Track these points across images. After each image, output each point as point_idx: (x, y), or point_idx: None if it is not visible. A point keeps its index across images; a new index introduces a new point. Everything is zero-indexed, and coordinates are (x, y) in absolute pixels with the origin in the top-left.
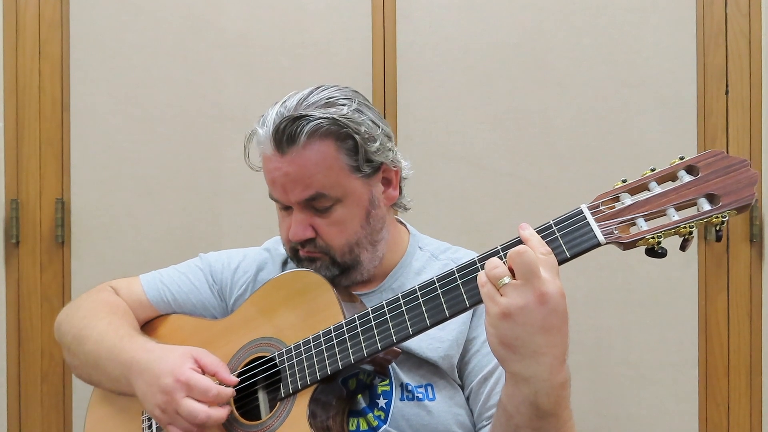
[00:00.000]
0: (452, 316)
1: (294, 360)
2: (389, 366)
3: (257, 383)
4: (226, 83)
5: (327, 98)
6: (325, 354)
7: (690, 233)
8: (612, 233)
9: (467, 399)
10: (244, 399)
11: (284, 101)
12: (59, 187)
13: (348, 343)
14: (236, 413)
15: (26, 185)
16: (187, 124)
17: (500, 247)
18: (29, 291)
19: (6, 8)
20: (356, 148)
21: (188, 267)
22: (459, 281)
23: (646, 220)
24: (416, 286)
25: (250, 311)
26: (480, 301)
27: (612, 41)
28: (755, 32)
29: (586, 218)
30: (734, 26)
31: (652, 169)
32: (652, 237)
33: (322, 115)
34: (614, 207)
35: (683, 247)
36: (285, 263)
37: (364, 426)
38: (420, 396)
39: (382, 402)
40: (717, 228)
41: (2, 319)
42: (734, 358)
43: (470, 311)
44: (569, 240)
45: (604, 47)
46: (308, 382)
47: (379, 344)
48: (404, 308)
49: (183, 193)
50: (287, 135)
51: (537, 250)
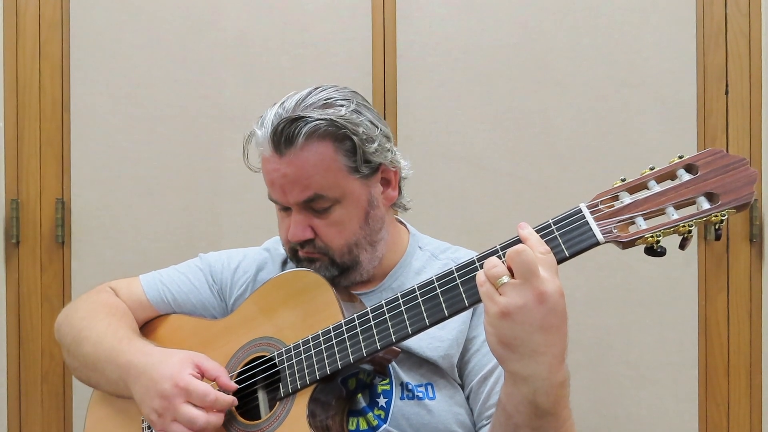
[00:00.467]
0: (451, 316)
1: (293, 360)
2: (389, 365)
3: (257, 383)
4: (226, 83)
5: (325, 99)
6: (325, 354)
7: (689, 232)
8: (611, 232)
9: (467, 398)
10: (244, 399)
11: (283, 102)
12: (59, 187)
13: (347, 343)
14: (236, 413)
15: (26, 185)
16: (187, 124)
17: (499, 247)
18: (29, 291)
19: (6, 8)
20: (354, 149)
21: (188, 267)
22: (458, 281)
23: (645, 219)
24: (415, 286)
25: (250, 311)
26: (479, 301)
27: (612, 41)
28: (755, 32)
29: (585, 217)
30: (734, 26)
31: (651, 168)
32: (651, 236)
33: (320, 117)
34: (613, 206)
35: (682, 246)
36: (285, 263)
37: (364, 425)
38: (420, 395)
39: (382, 401)
40: (716, 227)
41: (2, 319)
42: (734, 358)
43: (470, 310)
44: (568, 239)
45: (604, 47)
46: (308, 382)
47: (379, 344)
48: (403, 308)
49: (183, 193)
50: (285, 136)
51: (536, 249)
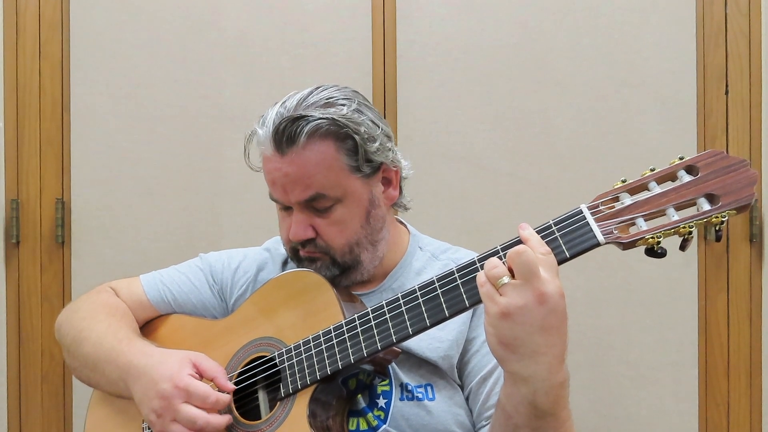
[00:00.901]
0: (452, 316)
1: (294, 360)
2: (389, 366)
3: (257, 383)
4: (226, 83)
5: (327, 98)
6: (325, 354)
7: (689, 233)
8: (611, 233)
9: (467, 399)
10: (244, 399)
11: (284, 101)
12: (59, 187)
13: (348, 343)
14: (236, 413)
15: (26, 185)
16: (187, 124)
17: (500, 247)
18: (29, 291)
19: (6, 8)
20: (356, 148)
21: (188, 267)
22: (459, 281)
23: (646, 220)
24: (416, 286)
25: (250, 311)
26: (480, 301)
27: (612, 41)
28: (755, 32)
29: (586, 218)
30: (734, 26)
31: (652, 169)
32: (652, 237)
33: (322, 116)
34: (614, 207)
35: (683, 247)
36: (285, 263)
37: (364, 426)
38: (420, 396)
39: (382, 402)
40: (717, 228)
41: (2, 319)
42: (734, 358)
43: (470, 311)
44: (569, 240)
45: (604, 47)
46: (308, 382)
47: (379, 344)
48: (404, 308)
49: (183, 193)
50: (287, 135)
51: (536, 250)
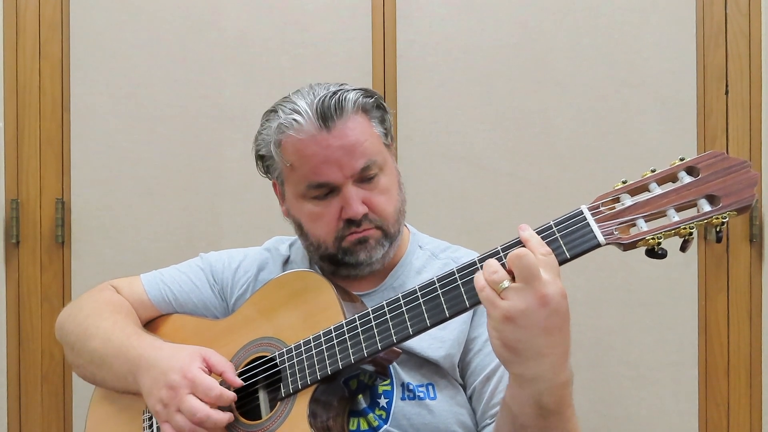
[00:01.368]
0: (452, 317)
1: (294, 360)
2: (390, 366)
3: (258, 383)
4: (226, 83)
5: (337, 83)
6: (326, 354)
7: (690, 234)
8: (612, 234)
9: (470, 398)
10: (245, 399)
11: (305, 93)
12: (59, 187)
13: (348, 343)
14: (237, 413)
15: (26, 185)
16: (187, 124)
17: (500, 248)
18: (29, 291)
19: (6, 8)
20: (383, 118)
21: (189, 267)
22: (459, 282)
23: (647, 221)
24: (416, 287)
25: (251, 311)
26: (480, 302)
27: (612, 41)
28: (755, 32)
29: (587, 219)
30: (734, 26)
31: (653, 170)
32: (653, 238)
33: (353, 88)
34: (614, 208)
35: (683, 248)
36: (286, 263)
37: (365, 426)
38: (421, 395)
39: (383, 401)
40: (717, 229)
41: (2, 319)
42: (734, 358)
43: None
44: (569, 241)
45: (604, 47)
46: (308, 382)
47: (380, 344)
48: (404, 308)
49: (183, 193)
50: (334, 107)
51: (537, 251)
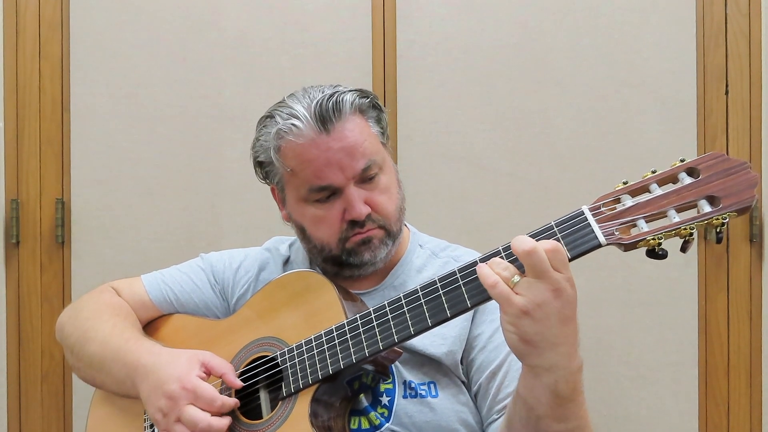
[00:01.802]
0: (454, 316)
1: (296, 360)
2: (391, 365)
3: (259, 383)
4: (226, 83)
5: (331, 84)
6: (327, 354)
7: (690, 235)
8: (613, 234)
9: (476, 395)
10: (246, 398)
11: (300, 96)
12: (59, 187)
13: (349, 343)
14: (238, 413)
15: (26, 185)
16: (187, 124)
17: (501, 248)
18: (29, 291)
19: (6, 8)
20: (379, 117)
21: (190, 267)
22: (460, 281)
23: (647, 222)
24: (418, 286)
25: (252, 311)
26: (481, 302)
27: (612, 41)
28: (755, 32)
29: (587, 219)
30: (734, 26)
31: (653, 171)
32: (653, 238)
33: (349, 89)
34: (615, 208)
35: (684, 249)
36: (286, 263)
37: (366, 425)
38: (423, 393)
39: (385, 400)
40: (717, 230)
41: (2, 319)
42: (734, 358)
43: None
44: (570, 241)
45: (604, 47)
46: (310, 382)
47: (381, 344)
48: (406, 308)
49: (183, 193)
50: (332, 109)
51: (543, 245)
